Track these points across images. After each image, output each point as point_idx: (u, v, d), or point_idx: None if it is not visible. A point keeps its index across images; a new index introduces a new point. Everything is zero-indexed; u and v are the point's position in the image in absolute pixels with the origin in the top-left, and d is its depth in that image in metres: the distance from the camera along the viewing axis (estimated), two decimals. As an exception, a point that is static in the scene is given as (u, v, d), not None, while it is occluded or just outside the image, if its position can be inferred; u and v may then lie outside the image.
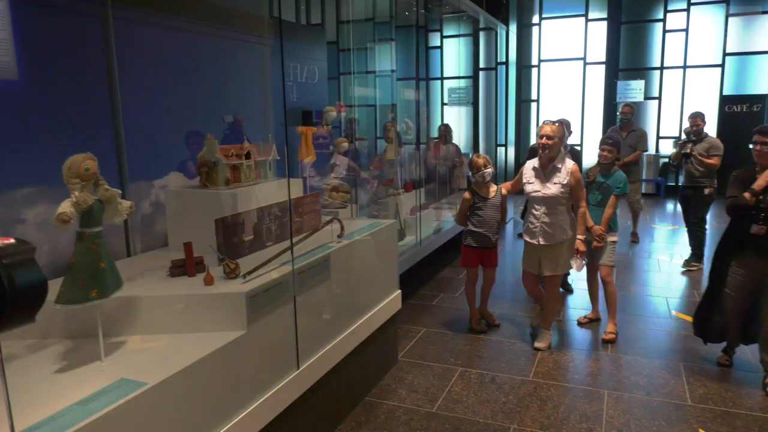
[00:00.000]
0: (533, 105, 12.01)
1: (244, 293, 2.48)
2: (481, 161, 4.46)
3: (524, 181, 4.17)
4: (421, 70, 10.71)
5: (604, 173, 4.44)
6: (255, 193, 3.25)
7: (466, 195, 4.51)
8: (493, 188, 4.52)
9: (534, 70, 11.86)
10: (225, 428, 2.32)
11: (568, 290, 5.65)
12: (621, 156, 5.79)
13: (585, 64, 11.40)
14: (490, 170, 4.45)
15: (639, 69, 11.16)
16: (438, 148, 7.49)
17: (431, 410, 3.47)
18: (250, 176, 3.39)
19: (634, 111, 7.48)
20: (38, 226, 2.76)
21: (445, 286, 5.92)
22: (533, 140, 8.27)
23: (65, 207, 1.97)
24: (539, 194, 4.04)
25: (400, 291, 4.07)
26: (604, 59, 11.23)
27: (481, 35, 10.64)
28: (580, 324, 4.80)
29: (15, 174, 2.66)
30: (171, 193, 3.26)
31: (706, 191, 6.05)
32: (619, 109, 7.49)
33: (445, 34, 10.95)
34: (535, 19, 11.67)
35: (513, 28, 11.11)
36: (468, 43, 10.76)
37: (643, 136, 7.24)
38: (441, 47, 10.99)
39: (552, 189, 4.00)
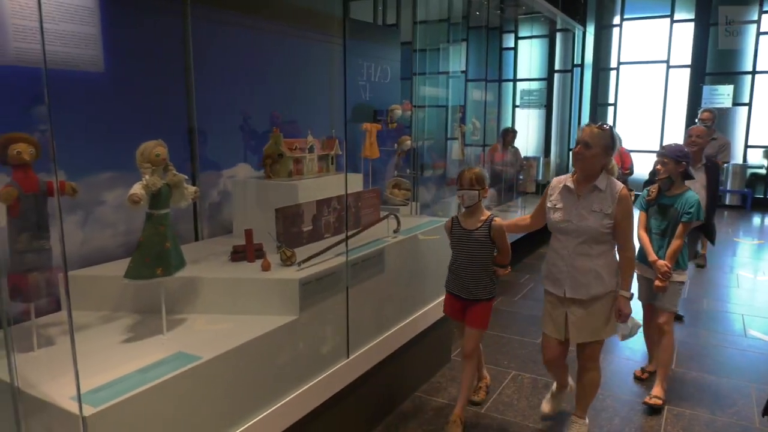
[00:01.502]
0: (610, 109, 11.58)
1: (298, 280, 2.57)
2: (466, 178, 3.09)
3: (549, 204, 2.94)
4: (493, 71, 10.60)
5: (669, 193, 3.49)
6: (316, 185, 3.35)
7: (447, 222, 3.29)
8: (483, 216, 3.12)
9: (612, 73, 11.43)
10: (272, 408, 2.42)
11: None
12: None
13: (668, 67, 10.87)
14: (473, 193, 3.05)
15: (728, 73, 10.52)
16: (497, 151, 7.39)
17: (480, 411, 3.45)
18: (313, 169, 3.51)
19: (716, 117, 6.63)
20: (115, 209, 2.98)
21: (503, 288, 5.84)
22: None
23: (136, 189, 2.13)
24: (570, 225, 2.83)
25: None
26: (689, 62, 10.66)
27: (558, 36, 10.40)
28: (637, 378, 3.87)
29: (98, 159, 2.88)
30: (237, 182, 3.42)
31: None
32: (699, 115, 6.65)
33: (519, 35, 10.77)
34: (616, 20, 11.24)
35: (591, 30, 10.76)
36: (543, 44, 10.54)
37: (725, 146, 6.68)
38: (515, 48, 10.82)
39: (589, 219, 2.78)
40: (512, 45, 10.83)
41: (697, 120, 6.53)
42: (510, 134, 7.52)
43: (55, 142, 2.14)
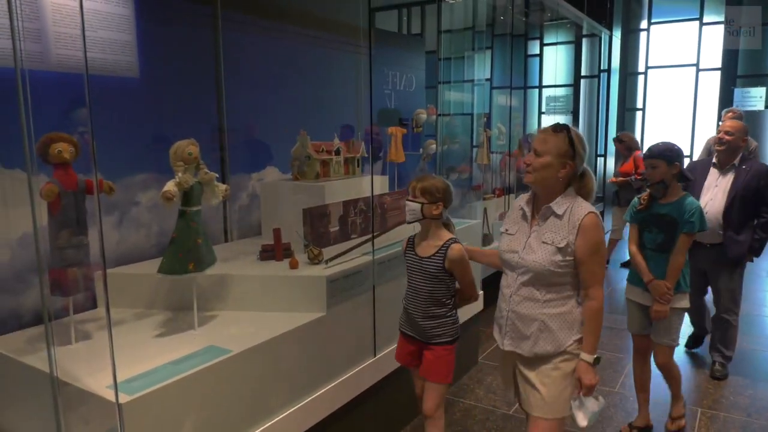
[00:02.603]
0: (638, 114, 11.42)
1: (326, 277, 2.61)
2: (410, 186, 2.47)
3: (501, 228, 2.27)
4: (518, 78, 10.57)
5: (663, 200, 2.90)
6: (342, 187, 3.40)
7: (403, 243, 2.60)
8: (439, 241, 2.41)
9: (640, 78, 11.29)
10: (299, 405, 2.45)
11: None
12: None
13: (698, 70, 10.69)
14: (413, 206, 2.40)
15: (761, 75, 10.29)
16: (521, 157, 7.34)
17: (507, 412, 3.42)
18: (339, 171, 3.56)
19: (743, 119, 5.64)
20: (149, 209, 3.07)
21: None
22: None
23: (169, 186, 2.21)
24: (514, 257, 2.12)
25: (482, 293, 4.05)
26: (719, 65, 10.47)
27: (584, 42, 10.33)
28: None
29: (133, 161, 2.98)
30: (266, 185, 3.49)
31: None
32: (722, 117, 5.76)
33: (545, 42, 10.73)
34: (643, 24, 11.12)
35: (617, 34, 10.67)
36: (569, 50, 10.49)
37: (754, 151, 5.97)
38: (540, 55, 10.77)
39: (537, 252, 2.05)
40: (538, 52, 10.80)
41: (720, 123, 5.60)
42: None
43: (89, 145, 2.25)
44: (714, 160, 3.71)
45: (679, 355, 4.23)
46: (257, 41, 3.78)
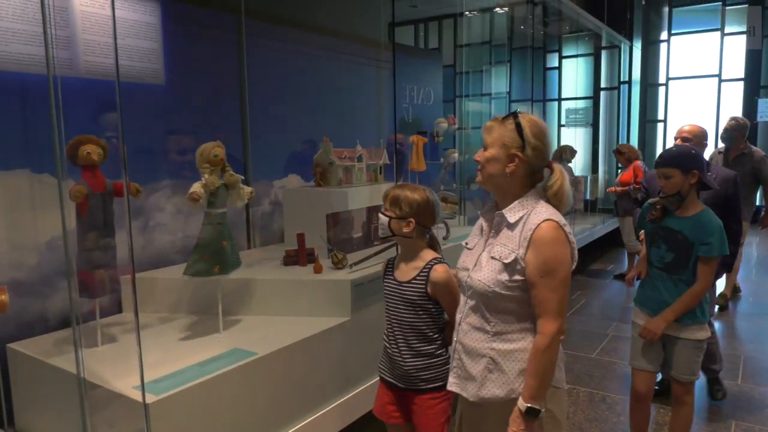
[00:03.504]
0: (659, 125, 11.31)
1: (350, 281, 2.59)
2: (384, 195, 2.07)
3: (463, 243, 1.85)
4: (537, 91, 10.53)
5: (679, 212, 2.41)
6: (365, 194, 3.39)
7: (382, 265, 2.17)
8: (420, 262, 2.01)
9: (661, 89, 11.20)
10: (326, 409, 2.42)
11: None
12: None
13: (720, 81, 10.57)
14: (382, 219, 2.02)
15: (785, 85, 10.15)
16: None
17: (535, 423, 3.33)
18: (361, 178, 3.55)
19: (746, 127, 4.96)
20: (174, 215, 3.08)
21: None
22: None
23: (196, 187, 2.21)
24: (464, 275, 1.73)
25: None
26: (742, 75, 10.35)
27: (603, 54, 10.29)
28: None
29: (158, 167, 3.00)
30: (289, 191, 3.50)
31: None
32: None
33: (564, 54, 10.72)
34: (663, 35, 11.05)
35: (637, 45, 10.62)
36: (588, 63, 10.45)
37: (762, 161, 4.95)
38: (559, 68, 10.75)
39: (483, 270, 1.64)
40: (556, 64, 10.78)
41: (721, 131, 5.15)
42: (567, 152, 7.40)
43: (117, 151, 2.28)
44: None
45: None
46: (281, 51, 3.81)
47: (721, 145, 5.25)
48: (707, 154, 4.96)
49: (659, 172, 2.43)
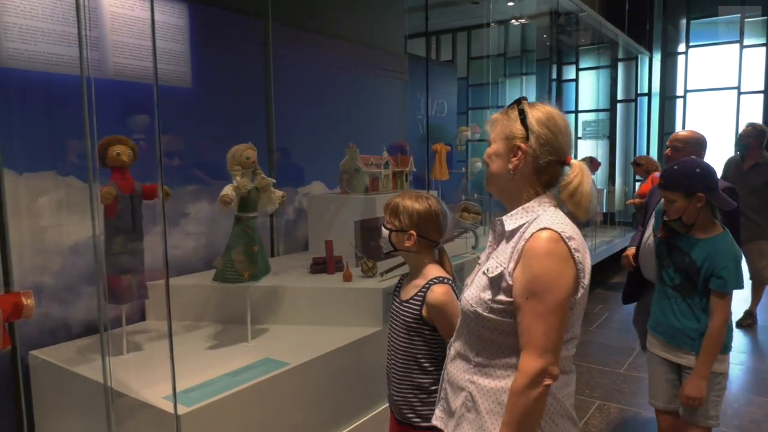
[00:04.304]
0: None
1: (382, 290, 2.50)
2: (389, 206, 1.85)
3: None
4: (553, 103, 10.44)
5: (692, 232, 2.07)
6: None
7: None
8: (423, 280, 1.78)
9: (679, 101, 11.09)
10: (360, 421, 2.32)
11: None
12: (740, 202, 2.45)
13: (739, 93, 10.46)
14: (383, 232, 1.83)
15: (806, 98, 10.02)
16: None
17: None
18: (388, 185, 3.47)
19: (764, 133, 4.57)
20: (198, 221, 3.01)
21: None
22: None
23: (227, 190, 2.14)
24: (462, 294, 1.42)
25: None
26: (762, 88, 10.23)
27: (620, 66, 10.22)
28: None
29: (183, 172, 2.94)
30: (314, 198, 3.43)
31: None
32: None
33: (580, 66, 10.66)
34: (681, 47, 10.97)
35: (657, 57, 10.55)
36: (605, 75, 10.37)
37: None
38: (576, 80, 10.69)
39: (471, 287, 1.37)
40: (573, 76, 10.72)
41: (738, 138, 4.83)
42: (588, 162, 7.31)
43: (145, 153, 2.22)
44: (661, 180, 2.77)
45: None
46: (305, 57, 3.76)
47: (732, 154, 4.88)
48: (720, 163, 4.60)
49: (661, 194, 2.15)
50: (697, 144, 2.78)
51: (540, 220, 1.25)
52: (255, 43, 3.39)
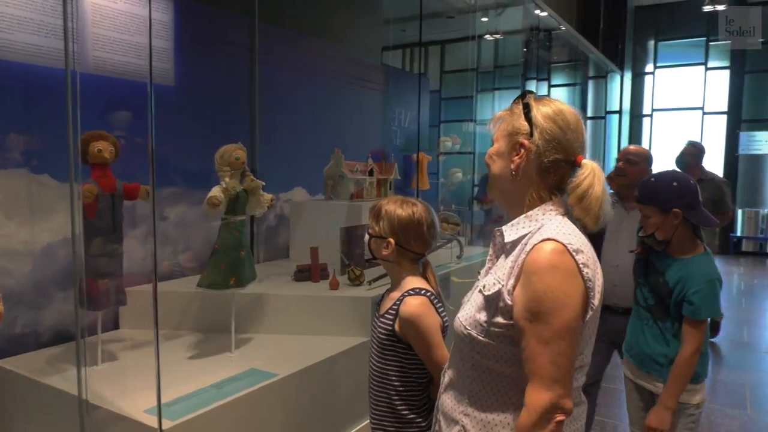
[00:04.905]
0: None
1: (371, 298, 2.43)
2: (372, 210, 1.70)
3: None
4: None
5: (669, 250, 1.94)
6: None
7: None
8: (401, 291, 1.61)
9: (646, 120, 11.40)
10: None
11: None
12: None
13: (704, 113, 10.80)
14: (366, 238, 1.71)
15: (765, 120, 10.41)
16: None
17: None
18: (372, 193, 3.41)
19: (702, 152, 4.80)
20: (177, 225, 2.88)
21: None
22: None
23: (215, 191, 2.04)
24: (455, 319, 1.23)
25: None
26: (725, 109, 10.60)
27: (590, 84, 10.45)
28: None
29: (162, 173, 2.81)
30: (297, 204, 3.33)
31: None
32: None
33: (552, 83, 10.86)
34: (649, 67, 11.30)
35: (628, 75, 10.83)
36: (576, 93, 10.58)
37: (720, 190, 4.53)
38: (548, 96, 10.89)
39: (465, 306, 1.22)
40: (545, 93, 10.91)
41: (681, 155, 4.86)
42: None
43: (125, 152, 2.10)
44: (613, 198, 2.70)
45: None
46: (291, 61, 3.68)
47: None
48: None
49: (638, 208, 2.00)
50: (648, 160, 2.76)
51: (543, 230, 1.10)
52: (241, 41, 3.30)
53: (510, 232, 1.16)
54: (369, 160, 3.43)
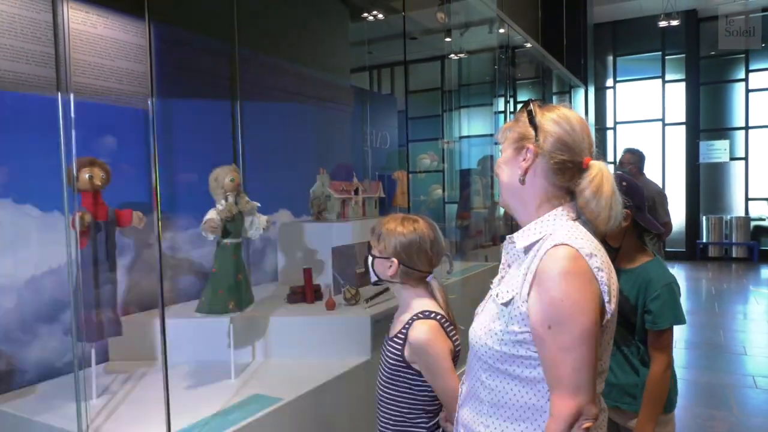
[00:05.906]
0: (611, 167, 11.79)
1: (370, 317, 2.40)
2: (374, 230, 1.65)
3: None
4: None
5: (620, 264, 1.78)
6: (367, 227, 3.23)
7: None
8: (409, 313, 1.55)
9: (609, 133, 11.73)
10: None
11: None
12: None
13: (664, 125, 11.19)
14: (368, 259, 1.63)
15: (722, 129, 10.84)
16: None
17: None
18: (358, 212, 3.40)
19: (642, 160, 4.97)
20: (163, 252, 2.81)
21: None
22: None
23: (212, 215, 2.00)
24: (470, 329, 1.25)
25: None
26: (684, 120, 11.00)
27: (554, 99, 10.71)
28: None
29: (146, 199, 2.74)
30: (285, 226, 3.29)
31: None
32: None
33: (518, 99, 11.10)
34: (609, 82, 11.67)
35: (591, 90, 11.17)
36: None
37: (656, 197, 4.52)
38: (514, 113, 11.11)
39: (481, 316, 1.22)
40: (512, 110, 11.13)
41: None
42: None
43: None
44: None
45: None
46: (269, 84, 3.67)
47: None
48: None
49: None
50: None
51: (555, 235, 1.09)
52: (221, 65, 3.28)
53: (521, 239, 1.16)
54: (354, 180, 3.42)
